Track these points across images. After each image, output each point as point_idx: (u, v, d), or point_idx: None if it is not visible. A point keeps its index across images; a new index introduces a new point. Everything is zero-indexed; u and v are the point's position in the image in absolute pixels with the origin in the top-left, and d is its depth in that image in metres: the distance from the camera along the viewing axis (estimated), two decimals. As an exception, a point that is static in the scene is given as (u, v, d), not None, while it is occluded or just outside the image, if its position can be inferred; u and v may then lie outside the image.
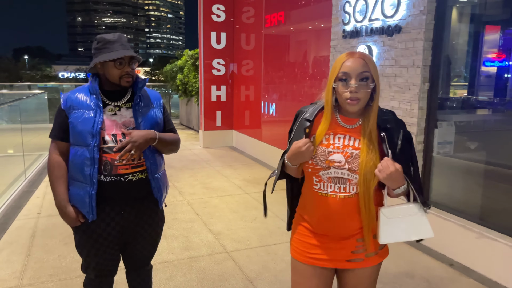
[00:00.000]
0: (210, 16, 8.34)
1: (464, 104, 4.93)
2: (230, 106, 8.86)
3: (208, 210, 4.75)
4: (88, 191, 1.95)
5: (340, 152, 1.62)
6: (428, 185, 4.00)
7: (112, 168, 1.95)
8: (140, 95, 2.07)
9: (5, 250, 3.64)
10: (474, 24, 4.84)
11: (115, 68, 1.94)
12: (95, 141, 1.92)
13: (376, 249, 1.71)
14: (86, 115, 1.95)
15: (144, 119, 2.03)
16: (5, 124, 8.01)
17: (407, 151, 1.65)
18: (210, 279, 3.20)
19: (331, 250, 1.70)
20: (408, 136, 1.66)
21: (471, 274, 3.31)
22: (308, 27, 6.30)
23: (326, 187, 1.64)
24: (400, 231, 1.62)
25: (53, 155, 2.03)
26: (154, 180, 2.07)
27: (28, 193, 5.29)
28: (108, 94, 2.03)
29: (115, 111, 2.01)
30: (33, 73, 39.95)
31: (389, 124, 1.63)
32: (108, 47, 1.94)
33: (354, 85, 1.56)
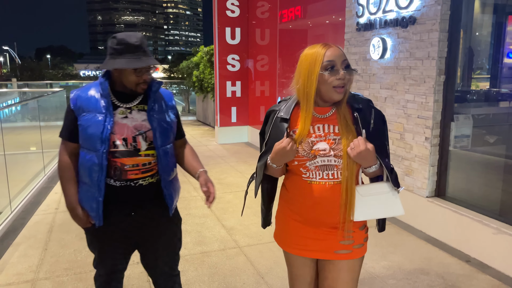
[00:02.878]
0: (224, 11, 8.33)
1: (484, 97, 4.80)
2: (245, 102, 8.85)
3: (221, 205, 4.76)
4: (95, 197, 1.90)
5: (323, 140, 1.64)
6: (444, 180, 3.91)
7: (122, 173, 1.90)
8: (154, 98, 1.96)
9: (23, 244, 3.73)
10: (496, 14, 4.69)
11: (133, 75, 1.85)
12: (104, 147, 1.85)
13: (362, 241, 1.73)
14: (96, 118, 1.86)
15: (160, 125, 1.94)
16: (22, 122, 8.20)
17: (381, 129, 1.71)
18: (221, 274, 3.21)
19: (320, 241, 1.71)
20: (380, 114, 1.71)
21: (488, 271, 3.23)
22: (323, 21, 6.23)
23: (314, 175, 1.65)
24: (373, 208, 1.64)
25: (62, 156, 1.99)
26: (166, 187, 2.01)
27: (47, 189, 5.41)
28: (119, 95, 1.93)
29: (126, 114, 1.91)
30: (55, 71, 40.76)
31: (361, 104, 1.67)
32: (130, 52, 1.82)
33: (343, 71, 1.58)
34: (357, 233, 1.71)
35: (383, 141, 1.69)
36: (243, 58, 8.66)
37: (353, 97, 1.69)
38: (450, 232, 3.67)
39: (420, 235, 3.89)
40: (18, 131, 9.38)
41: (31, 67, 37.59)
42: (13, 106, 9.79)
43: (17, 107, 9.88)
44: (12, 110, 9.96)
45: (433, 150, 3.86)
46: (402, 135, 4.13)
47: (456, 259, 3.43)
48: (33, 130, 6.42)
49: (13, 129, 9.60)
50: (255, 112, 8.61)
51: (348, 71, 1.59)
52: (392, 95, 4.21)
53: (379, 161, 1.60)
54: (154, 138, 1.92)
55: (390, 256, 3.47)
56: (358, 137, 1.59)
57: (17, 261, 3.40)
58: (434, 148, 3.86)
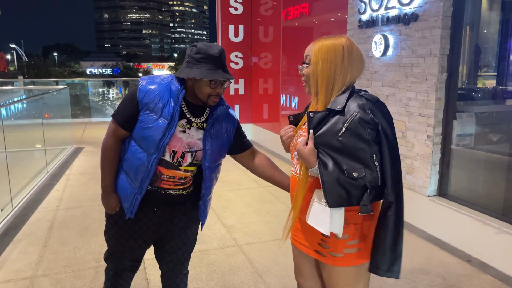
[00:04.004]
0: (227, 9, 8.31)
1: (489, 95, 4.74)
2: (248, 100, 8.83)
3: (222, 203, 4.75)
4: (135, 194, 1.92)
5: (304, 135, 1.64)
6: (446, 178, 3.87)
7: (157, 180, 1.92)
8: (215, 120, 1.92)
9: (23, 241, 3.74)
10: (504, 11, 4.63)
11: (208, 87, 1.80)
12: (158, 154, 1.84)
13: (341, 251, 1.60)
14: (159, 122, 1.82)
15: (212, 148, 1.92)
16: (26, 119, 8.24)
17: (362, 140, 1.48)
18: (219, 272, 3.19)
19: (305, 235, 1.72)
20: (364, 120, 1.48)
21: (489, 271, 3.19)
22: (326, 18, 6.19)
23: (294, 168, 1.73)
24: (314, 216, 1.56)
25: (109, 140, 1.93)
26: (204, 204, 2.05)
27: (49, 186, 5.43)
28: (188, 105, 1.89)
29: (185, 128, 1.88)
30: (62, 69, 41.01)
31: (341, 106, 1.52)
32: (210, 63, 1.78)
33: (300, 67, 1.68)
34: (333, 240, 1.59)
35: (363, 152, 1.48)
36: (247, 55, 8.63)
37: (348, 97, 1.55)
38: (451, 231, 3.63)
39: (420, 234, 3.86)
40: (22, 128, 9.43)
41: (38, 65, 37.86)
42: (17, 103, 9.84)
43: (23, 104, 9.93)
44: (18, 108, 10.02)
45: (435, 149, 3.82)
46: (403, 133, 4.09)
47: (457, 259, 3.39)
48: (37, 128, 6.44)
49: (18, 126, 9.65)
50: (258, 110, 8.58)
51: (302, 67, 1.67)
52: (394, 93, 4.17)
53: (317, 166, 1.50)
54: (203, 159, 1.92)
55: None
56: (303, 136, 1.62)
57: (17, 258, 3.41)
58: (436, 147, 3.82)
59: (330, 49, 1.56)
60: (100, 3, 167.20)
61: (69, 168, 6.41)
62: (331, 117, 1.53)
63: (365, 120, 1.49)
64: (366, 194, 1.47)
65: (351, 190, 1.46)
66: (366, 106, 1.50)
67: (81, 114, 12.94)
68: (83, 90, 16.07)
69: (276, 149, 7.63)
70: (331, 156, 1.49)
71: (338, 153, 1.49)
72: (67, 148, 7.60)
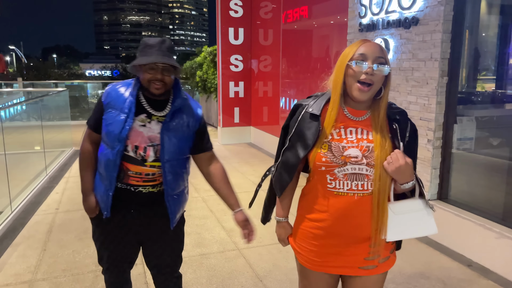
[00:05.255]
0: (227, 11, 8.31)
1: (489, 99, 4.74)
2: (248, 103, 8.82)
3: (222, 206, 4.73)
4: (107, 190, 1.95)
5: (356, 146, 1.52)
6: (447, 182, 3.87)
7: (125, 176, 1.94)
8: (174, 112, 1.94)
9: (22, 244, 3.73)
10: (503, 15, 4.64)
11: (147, 73, 1.85)
12: (120, 147, 1.88)
13: (388, 254, 1.64)
14: (118, 117, 1.89)
15: (170, 141, 1.92)
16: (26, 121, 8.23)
17: (413, 144, 1.61)
18: (219, 276, 3.18)
19: (343, 256, 1.59)
20: (414, 129, 1.62)
21: (490, 276, 3.18)
22: (326, 21, 6.19)
23: (342, 185, 1.51)
24: (407, 228, 1.54)
25: (85, 144, 2.04)
26: (169, 200, 2.00)
27: (48, 189, 5.41)
28: (149, 101, 1.94)
29: (145, 123, 1.91)
30: (61, 71, 40.99)
31: (398, 116, 1.57)
32: (146, 51, 1.85)
33: (371, 65, 1.48)
34: (382, 245, 1.58)
35: (413, 157, 1.58)
36: (246, 58, 8.63)
37: (389, 106, 1.59)
38: (451, 235, 3.62)
39: (421, 238, 3.85)
40: (21, 130, 9.40)
41: (37, 67, 37.85)
42: (17, 105, 9.82)
43: (22, 106, 9.91)
44: (17, 110, 10.00)
45: (436, 153, 3.81)
46: (404, 137, 4.08)
47: (457, 263, 3.38)
48: (36, 130, 6.43)
49: (17, 128, 9.63)
50: (258, 113, 8.58)
51: (379, 68, 1.48)
52: (394, 97, 4.16)
53: (415, 177, 1.52)
54: (161, 152, 1.91)
55: (391, 260, 3.42)
56: (395, 150, 1.50)
57: (16, 262, 3.40)
58: (437, 151, 3.82)
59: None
60: (100, 5, 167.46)
61: (69, 170, 6.40)
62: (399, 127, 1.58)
63: (415, 128, 1.62)
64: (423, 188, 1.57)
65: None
66: (405, 112, 1.62)
67: (80, 116, 12.92)
68: (83, 92, 16.05)
69: (275, 152, 7.61)
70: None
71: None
72: (66, 150, 7.58)
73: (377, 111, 1.55)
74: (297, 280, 3.10)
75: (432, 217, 1.54)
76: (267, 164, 6.87)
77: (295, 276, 3.18)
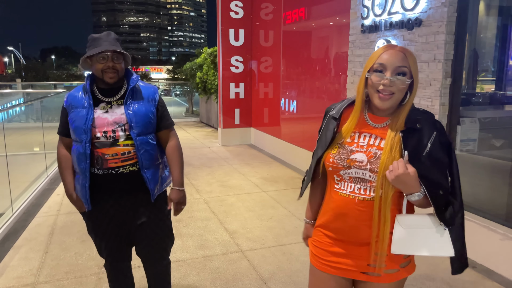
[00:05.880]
0: (228, 13, 8.31)
1: (490, 100, 4.74)
2: (248, 104, 8.81)
3: (224, 208, 4.72)
4: (83, 183, 2.11)
5: (363, 152, 1.52)
6: (450, 184, 3.85)
7: (103, 162, 2.09)
8: (131, 92, 2.13)
9: (24, 247, 3.70)
10: (501, 16, 4.64)
11: (98, 63, 2.03)
12: (87, 138, 2.05)
13: (398, 266, 1.56)
14: (80, 113, 2.08)
15: (136, 117, 2.10)
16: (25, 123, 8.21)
17: (441, 158, 1.49)
18: (223, 279, 3.16)
19: (347, 259, 1.60)
20: (443, 141, 1.49)
21: (495, 277, 3.17)
22: (327, 22, 6.18)
23: (346, 187, 1.55)
24: (414, 243, 1.48)
25: (59, 149, 2.22)
26: (145, 172, 2.15)
27: (49, 191, 5.39)
28: (102, 91, 2.14)
29: (106, 109, 2.11)
30: (60, 72, 40.93)
31: (419, 124, 1.49)
32: (94, 44, 2.05)
33: (388, 77, 1.46)
34: (390, 257, 1.53)
35: (441, 172, 1.49)
36: (247, 59, 8.62)
37: (415, 115, 1.52)
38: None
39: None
40: (21, 131, 9.38)
41: (36, 68, 37.78)
42: (17, 107, 9.79)
43: (21, 107, 9.88)
44: (16, 111, 9.97)
45: (439, 154, 3.80)
46: (407, 138, 4.07)
47: (462, 265, 3.37)
48: (36, 131, 6.41)
49: (17, 130, 9.60)
50: (259, 114, 8.57)
51: (398, 78, 1.46)
52: (397, 98, 4.15)
53: (423, 189, 1.44)
54: (130, 129, 2.09)
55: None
56: (399, 159, 1.45)
57: (18, 264, 3.37)
58: (440, 152, 3.80)
59: (416, 61, 1.52)
60: (98, 6, 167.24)
61: (69, 172, 6.37)
62: (411, 136, 1.48)
63: (442, 138, 1.49)
64: (450, 207, 1.49)
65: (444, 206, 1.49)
66: (437, 124, 1.51)
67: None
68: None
69: (276, 153, 7.62)
70: (421, 176, 1.43)
71: (424, 173, 1.44)
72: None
73: (397, 118, 1.52)
74: (302, 283, 3.10)
75: (446, 237, 1.48)
76: (268, 166, 6.86)
77: (299, 279, 3.18)
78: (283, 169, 6.67)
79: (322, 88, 6.28)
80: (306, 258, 3.48)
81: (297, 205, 4.63)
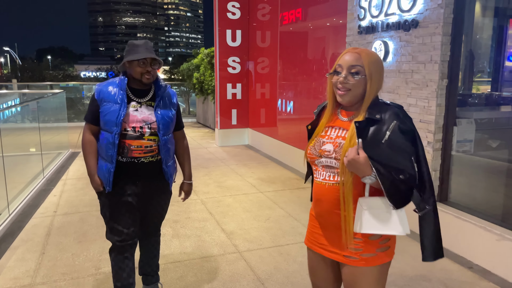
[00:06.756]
0: (225, 13, 8.31)
1: (486, 101, 4.76)
2: (245, 104, 8.82)
3: (221, 209, 4.72)
4: (109, 168, 2.39)
5: (332, 143, 1.71)
6: (447, 185, 3.88)
7: (129, 151, 2.40)
8: (161, 96, 2.48)
9: (21, 248, 3.69)
10: (497, 18, 4.67)
11: (138, 67, 2.36)
12: (117, 130, 2.35)
13: (375, 251, 1.70)
14: (113, 107, 2.37)
15: (163, 119, 2.45)
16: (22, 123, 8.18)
17: (403, 145, 1.61)
18: (221, 280, 3.16)
19: (329, 242, 1.78)
20: (405, 130, 1.61)
21: (491, 278, 3.18)
22: (324, 23, 6.20)
23: (320, 175, 1.75)
24: (374, 223, 1.61)
25: (86, 134, 2.50)
26: (166, 166, 2.53)
27: (45, 192, 5.37)
28: (133, 91, 2.45)
29: (137, 108, 2.43)
30: (56, 73, 40.78)
31: (379, 115, 1.63)
32: (135, 50, 2.36)
33: (342, 75, 1.67)
34: (366, 241, 1.68)
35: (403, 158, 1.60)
36: (244, 60, 8.63)
37: (380, 107, 1.66)
38: (452, 238, 3.63)
39: (422, 240, 3.84)
40: (18, 132, 9.33)
41: (32, 68, 37.60)
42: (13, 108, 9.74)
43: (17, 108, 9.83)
44: (12, 111, 9.91)
45: (435, 155, 3.82)
46: (404, 139, 4.08)
47: (458, 266, 3.39)
48: (33, 132, 6.38)
49: (13, 130, 9.55)
50: (256, 115, 8.57)
51: (350, 75, 1.65)
52: (393, 99, 4.17)
53: (374, 173, 1.55)
54: (157, 129, 2.43)
55: (391, 262, 3.41)
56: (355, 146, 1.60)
57: (14, 265, 3.36)
58: (437, 153, 3.82)
59: (379, 62, 1.69)
60: (95, 7, 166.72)
61: (66, 173, 6.36)
62: (370, 125, 1.63)
63: (404, 127, 1.62)
64: (415, 192, 1.61)
65: (403, 190, 1.59)
66: (401, 114, 1.64)
67: (75, 118, 12.85)
68: (78, 93, 15.95)
69: (273, 154, 7.62)
70: (379, 162, 1.56)
71: (384, 159, 1.57)
72: (63, 152, 7.53)
73: (359, 111, 1.70)
74: (300, 284, 3.11)
75: (395, 217, 1.60)
76: (265, 166, 6.87)
77: (296, 279, 3.18)
78: (280, 169, 6.68)
79: (318, 89, 6.30)
80: (303, 259, 3.48)
81: (294, 206, 4.63)
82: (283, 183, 5.84)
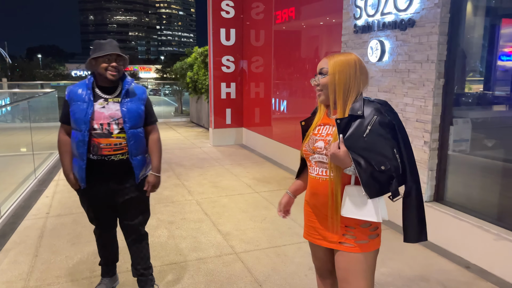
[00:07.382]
0: (219, 12, 8.26)
1: (480, 100, 4.77)
2: (239, 104, 8.78)
3: (217, 209, 4.68)
4: (80, 165, 2.54)
5: (323, 140, 1.85)
6: (443, 184, 3.87)
7: (98, 149, 2.51)
8: (126, 91, 2.57)
9: (13, 250, 3.62)
10: (490, 17, 4.67)
11: (103, 63, 2.47)
12: (86, 128, 2.47)
13: (367, 238, 1.83)
14: (81, 106, 2.49)
15: (129, 113, 2.54)
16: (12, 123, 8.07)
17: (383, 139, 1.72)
18: (218, 282, 3.12)
19: (321, 230, 1.92)
20: (384, 123, 1.73)
21: (489, 277, 3.18)
22: (319, 22, 6.17)
23: (314, 170, 1.89)
24: (355, 208, 1.75)
25: (60, 135, 2.64)
26: (133, 159, 2.59)
27: (37, 193, 5.29)
28: (101, 89, 2.56)
29: (104, 105, 2.53)
30: (47, 71, 40.36)
31: (360, 112, 1.75)
32: (100, 47, 2.48)
33: (314, 78, 1.87)
34: (358, 229, 1.82)
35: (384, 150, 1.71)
36: (238, 59, 8.59)
37: (360, 103, 1.79)
38: (449, 237, 3.63)
39: (418, 240, 3.84)
40: (8, 132, 9.20)
41: (22, 67, 37.17)
42: (3, 108, 9.61)
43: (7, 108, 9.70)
44: (2, 111, 9.79)
45: (432, 154, 3.82)
46: (400, 138, 4.07)
47: (456, 266, 3.38)
48: (24, 131, 6.29)
49: (3, 130, 9.42)
50: (250, 114, 8.54)
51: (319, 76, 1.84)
52: (390, 98, 4.16)
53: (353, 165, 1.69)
54: (123, 123, 2.52)
55: (390, 263, 3.41)
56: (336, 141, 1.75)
57: (7, 268, 3.29)
58: (433, 152, 3.82)
59: (345, 62, 1.80)
60: (86, 5, 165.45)
61: (58, 173, 6.26)
62: (353, 121, 1.75)
63: (384, 121, 1.74)
64: (393, 182, 1.71)
65: (382, 181, 1.70)
66: (382, 109, 1.77)
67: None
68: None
69: (267, 153, 7.59)
70: (360, 155, 1.69)
71: (365, 152, 1.69)
72: (55, 153, 7.43)
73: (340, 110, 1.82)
74: (298, 285, 3.08)
75: (371, 205, 1.73)
76: (260, 166, 6.84)
77: (294, 280, 3.16)
78: (275, 169, 6.65)
79: (312, 88, 6.25)
80: (300, 260, 3.46)
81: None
82: (278, 183, 5.81)
